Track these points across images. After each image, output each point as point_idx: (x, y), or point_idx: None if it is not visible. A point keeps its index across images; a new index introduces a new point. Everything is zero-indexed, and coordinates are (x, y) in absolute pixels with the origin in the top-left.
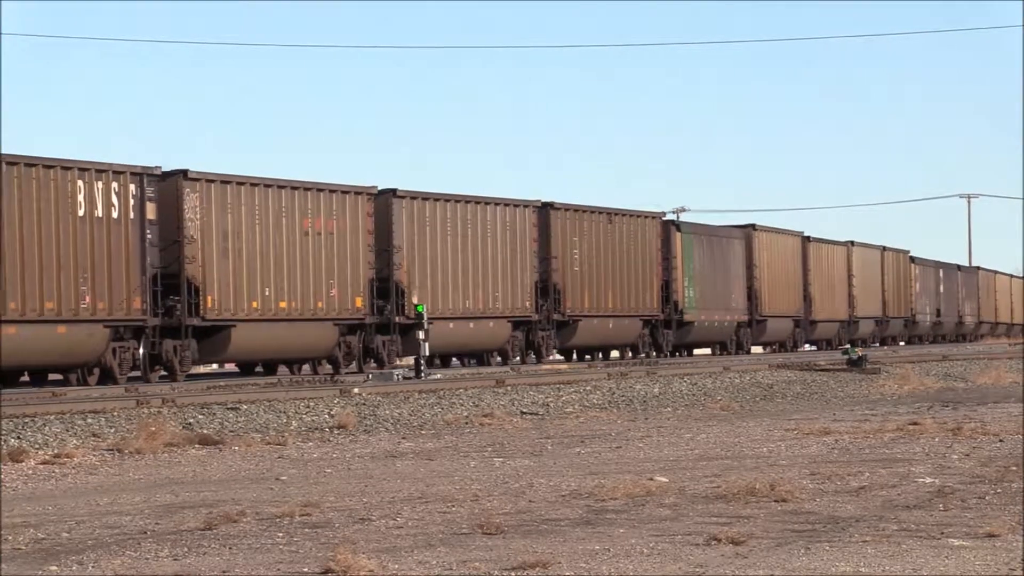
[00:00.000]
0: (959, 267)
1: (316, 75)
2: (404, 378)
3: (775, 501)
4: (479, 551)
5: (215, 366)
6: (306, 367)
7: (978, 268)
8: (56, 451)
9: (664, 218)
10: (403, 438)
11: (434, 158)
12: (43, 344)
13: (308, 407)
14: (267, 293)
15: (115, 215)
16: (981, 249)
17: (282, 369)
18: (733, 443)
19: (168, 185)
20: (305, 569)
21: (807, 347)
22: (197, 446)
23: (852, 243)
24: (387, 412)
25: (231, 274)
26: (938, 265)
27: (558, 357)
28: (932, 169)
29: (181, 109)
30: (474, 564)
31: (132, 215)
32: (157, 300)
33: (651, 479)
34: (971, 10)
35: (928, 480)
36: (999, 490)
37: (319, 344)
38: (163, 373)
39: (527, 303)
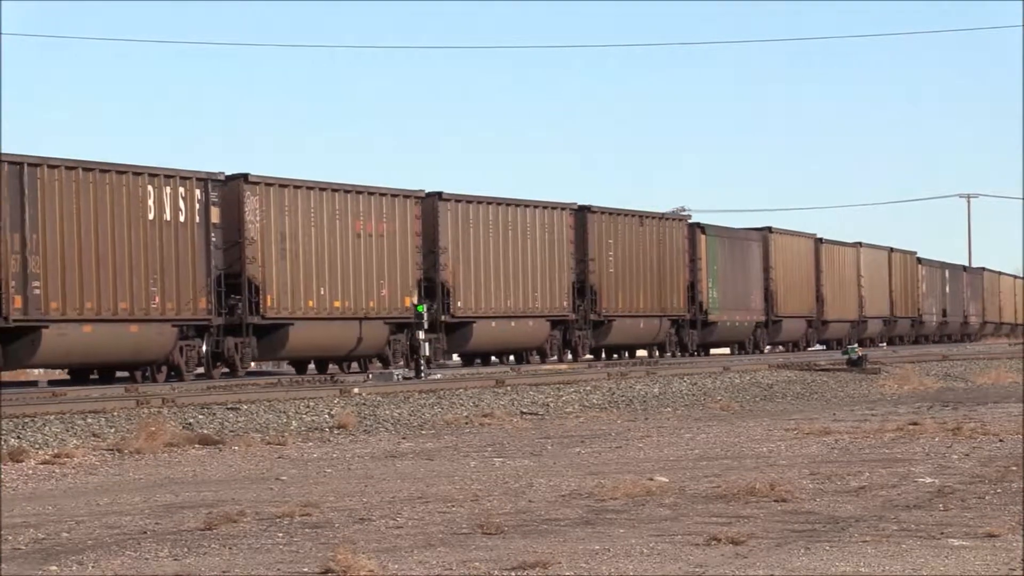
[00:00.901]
0: (964, 268)
1: (327, 75)
2: (404, 378)
3: (775, 501)
4: (479, 551)
5: (271, 364)
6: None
7: (983, 269)
8: (56, 451)
9: (690, 221)
10: (403, 438)
11: (432, 158)
12: (117, 342)
13: (308, 407)
14: (322, 293)
15: (182, 219)
16: (981, 249)
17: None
18: (733, 443)
19: (230, 189)
20: (305, 569)
21: (819, 347)
22: (197, 446)
23: (861, 244)
24: (387, 412)
25: (289, 274)
26: (944, 266)
27: (587, 356)
28: (932, 169)
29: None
30: (474, 564)
31: (197, 219)
32: (220, 300)
33: (651, 479)
34: (971, 10)
35: (928, 480)
36: (999, 490)
37: (371, 342)
38: (225, 370)
39: (564, 303)
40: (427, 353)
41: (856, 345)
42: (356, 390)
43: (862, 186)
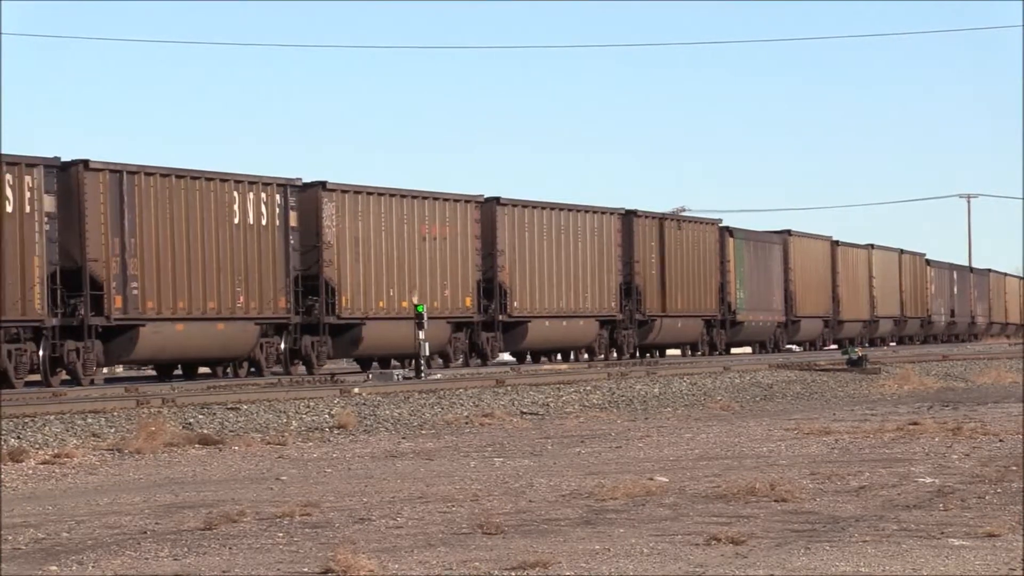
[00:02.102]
0: (971, 269)
1: (334, 74)
2: (404, 378)
3: (775, 501)
4: (479, 551)
5: (344, 362)
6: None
7: (989, 271)
8: (56, 451)
9: (721, 225)
10: (403, 438)
11: (431, 156)
12: (206, 339)
13: (308, 407)
14: (391, 293)
15: (264, 223)
16: (981, 249)
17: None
18: (733, 443)
19: (308, 195)
20: (305, 569)
21: (833, 346)
22: (197, 446)
23: (872, 246)
24: (387, 412)
25: (361, 276)
26: (952, 267)
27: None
28: (932, 169)
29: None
30: (474, 564)
31: (278, 223)
32: (298, 300)
33: (651, 479)
34: (971, 10)
35: (928, 480)
36: (999, 490)
37: (435, 340)
38: (302, 368)
39: (612, 303)
40: (427, 353)
41: (856, 345)
42: (356, 390)
43: (862, 186)
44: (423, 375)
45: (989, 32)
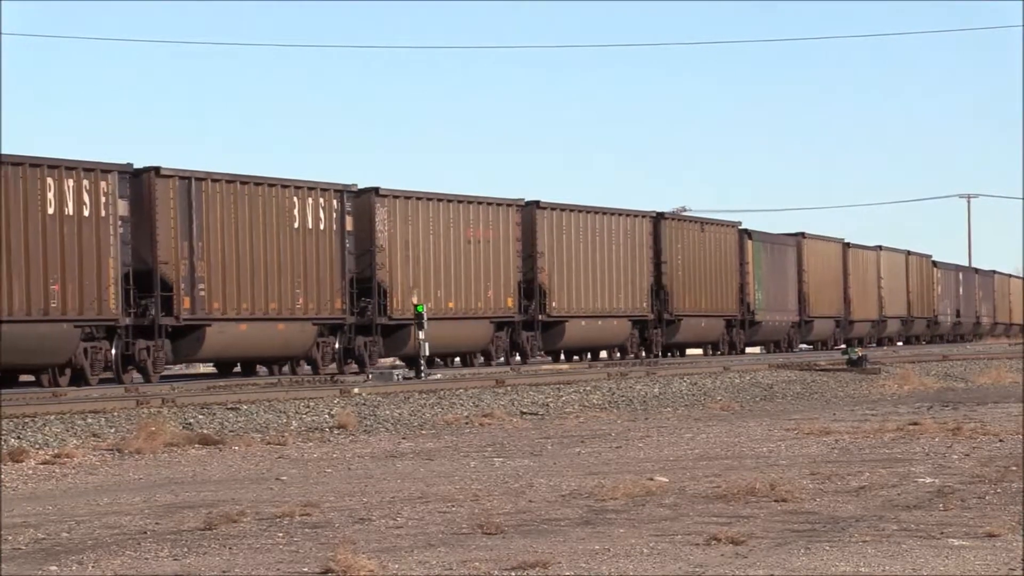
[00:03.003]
0: (976, 270)
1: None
2: (404, 378)
3: (775, 501)
4: (479, 551)
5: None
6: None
7: (994, 272)
8: (56, 451)
9: (740, 227)
10: (403, 438)
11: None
12: (267, 339)
13: (308, 407)
14: (439, 294)
15: (322, 227)
16: (981, 249)
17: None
18: (733, 443)
19: (362, 200)
20: (305, 569)
21: (842, 345)
22: (197, 446)
23: (881, 248)
24: (387, 412)
25: (411, 278)
26: (958, 268)
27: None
28: (932, 169)
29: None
30: (474, 564)
31: (335, 227)
32: (353, 302)
33: (651, 479)
34: (971, 10)
35: (928, 480)
36: (999, 490)
37: (477, 339)
38: (354, 367)
39: (644, 303)
40: (427, 353)
41: (857, 346)
42: (356, 390)
43: (862, 186)
44: (423, 375)
45: (989, 32)
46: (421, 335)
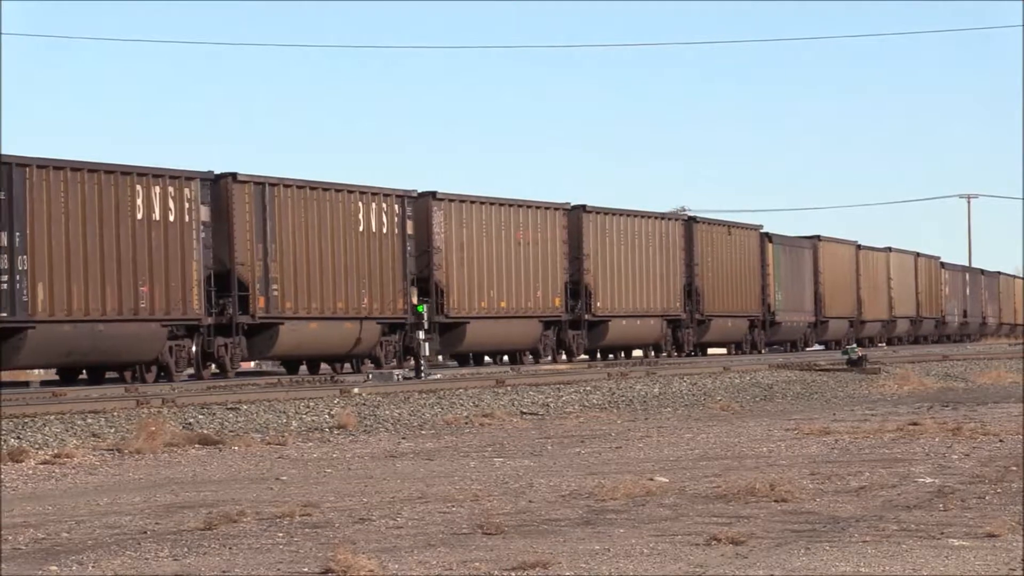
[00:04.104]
0: (983, 272)
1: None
2: (404, 378)
3: (775, 501)
4: (479, 551)
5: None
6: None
7: (999, 273)
8: (56, 451)
9: (761, 230)
10: (403, 438)
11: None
12: (335, 337)
13: (308, 407)
14: (491, 294)
15: (384, 231)
16: (981, 249)
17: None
18: (733, 443)
19: (420, 204)
20: (305, 569)
21: (853, 345)
22: (197, 446)
23: (891, 249)
24: (387, 412)
25: (466, 278)
26: (965, 269)
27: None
28: (932, 169)
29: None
30: (474, 564)
31: (396, 230)
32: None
33: (651, 479)
34: (971, 10)
35: (928, 480)
36: (999, 490)
37: (527, 338)
38: (412, 364)
39: (677, 304)
40: (427, 353)
41: (856, 345)
42: (356, 390)
43: (862, 186)
44: (423, 375)
45: (989, 32)
46: (421, 335)
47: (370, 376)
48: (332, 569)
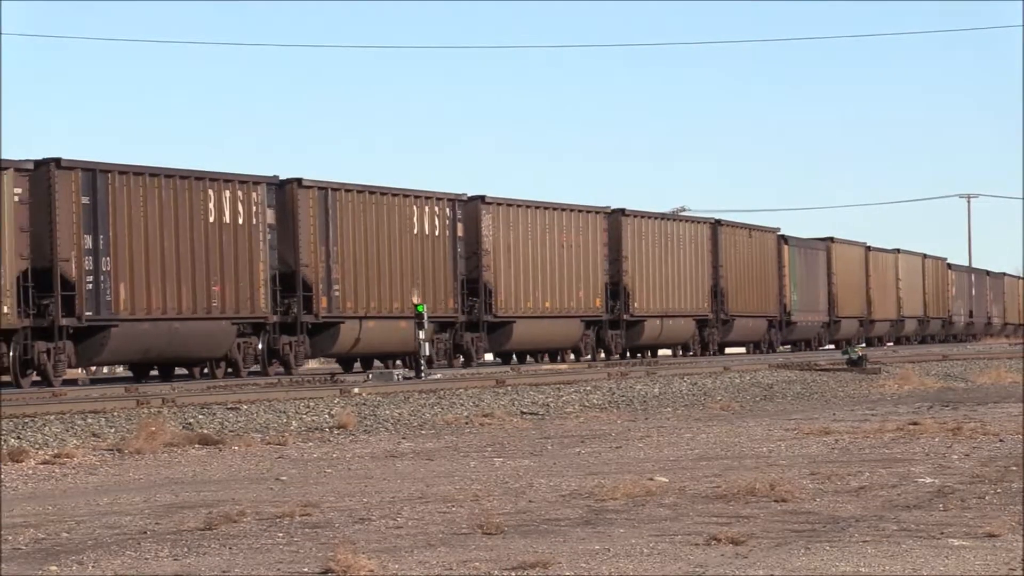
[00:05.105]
0: (988, 272)
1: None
2: (404, 378)
3: (775, 501)
4: (479, 551)
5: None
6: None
7: (1004, 274)
8: (56, 451)
9: (779, 233)
10: (403, 438)
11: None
12: (390, 335)
13: (308, 407)
14: (537, 295)
15: (437, 233)
16: (981, 249)
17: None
18: (733, 443)
19: (470, 208)
20: (305, 569)
21: (862, 343)
22: (197, 446)
23: (899, 251)
24: (387, 412)
25: (513, 279)
26: (971, 271)
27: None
28: (932, 169)
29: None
30: (474, 564)
31: (448, 233)
32: (463, 301)
33: (651, 479)
34: (971, 10)
35: (928, 480)
36: (999, 490)
37: (569, 337)
38: (462, 360)
39: (704, 304)
40: (427, 353)
41: (856, 345)
42: (356, 390)
43: (862, 186)
44: (423, 375)
45: (989, 32)
46: (421, 335)
47: (370, 376)
48: (332, 569)
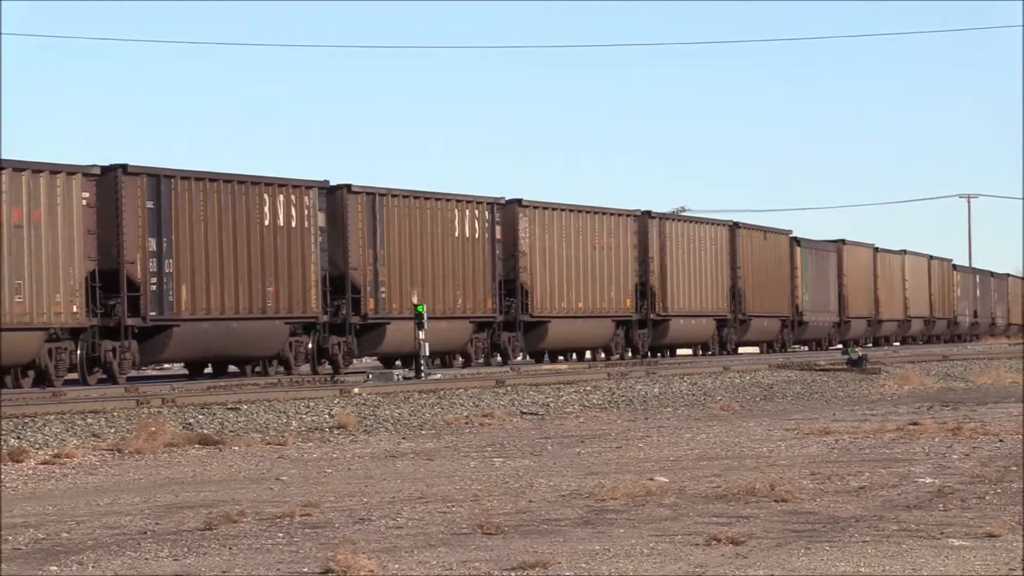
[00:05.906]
0: (992, 273)
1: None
2: (404, 378)
3: (775, 501)
4: (479, 551)
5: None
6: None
7: (1008, 275)
8: (56, 451)
9: (791, 235)
10: (403, 438)
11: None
12: (434, 336)
13: (308, 407)
14: (571, 295)
15: (476, 236)
16: (981, 249)
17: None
18: (733, 443)
19: (507, 211)
20: (305, 569)
21: (869, 344)
22: (197, 446)
23: (905, 252)
24: (387, 412)
25: (548, 280)
26: (975, 272)
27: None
28: (932, 169)
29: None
30: (474, 564)
31: (487, 235)
32: (501, 302)
33: (651, 479)
34: (971, 10)
35: (928, 480)
36: (999, 490)
37: (601, 336)
38: (499, 359)
39: (724, 304)
40: (427, 353)
41: (856, 345)
42: (356, 390)
43: (862, 186)
44: (423, 375)
45: (989, 32)
46: (421, 335)
47: (370, 376)
48: (332, 569)
